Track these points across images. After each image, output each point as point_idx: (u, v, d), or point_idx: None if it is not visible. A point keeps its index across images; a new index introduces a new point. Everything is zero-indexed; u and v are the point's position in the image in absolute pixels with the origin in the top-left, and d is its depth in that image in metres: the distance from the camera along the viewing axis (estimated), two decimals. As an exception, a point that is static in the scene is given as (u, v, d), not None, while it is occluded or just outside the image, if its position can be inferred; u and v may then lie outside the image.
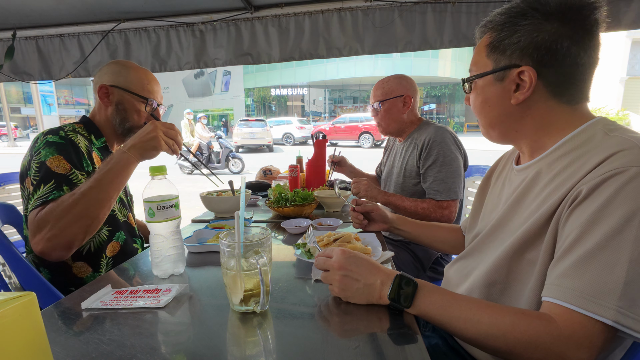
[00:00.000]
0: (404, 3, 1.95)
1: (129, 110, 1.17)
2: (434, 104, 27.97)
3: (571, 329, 0.50)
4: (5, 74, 2.44)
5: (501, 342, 0.54)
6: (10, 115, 4.77)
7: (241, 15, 2.14)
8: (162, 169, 0.84)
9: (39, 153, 0.99)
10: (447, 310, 0.60)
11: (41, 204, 0.92)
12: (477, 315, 0.57)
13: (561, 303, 0.52)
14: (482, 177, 0.94)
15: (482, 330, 0.56)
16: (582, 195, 0.54)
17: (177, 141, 1.08)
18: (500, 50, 0.66)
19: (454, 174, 1.45)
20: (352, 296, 0.67)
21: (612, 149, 0.55)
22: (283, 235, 1.19)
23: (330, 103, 30.41)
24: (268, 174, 2.23)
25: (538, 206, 0.62)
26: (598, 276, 0.50)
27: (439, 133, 1.50)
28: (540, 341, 0.52)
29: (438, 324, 0.61)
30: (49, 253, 0.91)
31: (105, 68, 1.19)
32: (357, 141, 15.13)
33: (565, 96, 0.66)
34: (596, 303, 0.49)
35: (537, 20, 0.62)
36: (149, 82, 1.20)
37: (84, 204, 0.91)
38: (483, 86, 0.71)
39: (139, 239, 1.26)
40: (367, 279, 0.67)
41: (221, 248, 0.65)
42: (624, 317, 0.47)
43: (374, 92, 1.63)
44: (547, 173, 0.65)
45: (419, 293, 0.63)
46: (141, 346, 0.57)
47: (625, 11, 1.70)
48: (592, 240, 0.51)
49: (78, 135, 1.08)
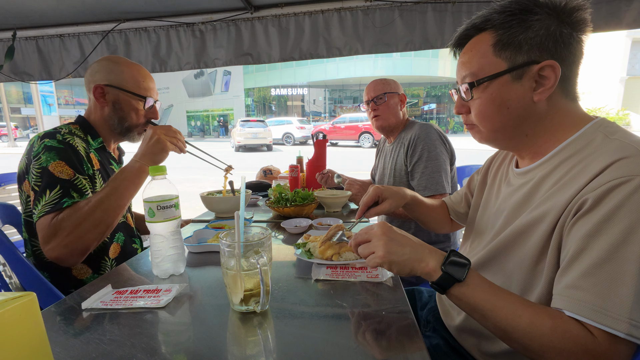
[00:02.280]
0: (404, 3, 1.95)
1: (126, 110, 1.15)
2: (434, 104, 27.91)
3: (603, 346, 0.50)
4: (6, 74, 2.44)
5: (536, 343, 0.53)
6: (10, 116, 4.78)
7: (241, 15, 2.14)
8: (162, 169, 0.84)
9: (39, 158, 0.98)
10: (494, 296, 0.57)
11: (52, 210, 0.92)
12: (520, 311, 0.55)
13: (573, 315, 0.52)
14: (477, 177, 0.94)
15: (521, 326, 0.54)
16: (588, 205, 0.53)
17: (179, 139, 1.12)
18: (515, 46, 0.62)
19: (439, 169, 1.46)
20: (397, 261, 0.63)
21: (615, 156, 0.54)
22: (283, 235, 1.19)
23: (330, 103, 30.40)
24: (268, 174, 2.23)
25: (542, 215, 0.61)
26: (608, 288, 0.49)
27: (423, 129, 1.53)
28: (573, 350, 0.51)
29: (474, 309, 0.58)
30: (65, 259, 0.92)
31: (97, 66, 1.15)
32: (357, 141, 15.12)
33: (571, 93, 0.65)
34: (608, 316, 0.48)
35: (546, 15, 0.61)
36: (144, 79, 1.17)
37: (102, 211, 0.95)
38: (499, 87, 0.65)
39: (138, 238, 1.26)
40: (414, 247, 0.65)
41: (221, 248, 0.65)
42: (637, 330, 0.47)
43: (374, 87, 1.63)
44: (549, 179, 0.64)
45: (471, 271, 0.60)
46: (141, 346, 0.57)
47: (626, 11, 1.69)
48: (599, 252, 0.51)
49: (75, 138, 1.06)
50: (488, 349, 0.73)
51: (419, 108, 25.85)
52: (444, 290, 0.60)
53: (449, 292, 0.60)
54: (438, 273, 0.60)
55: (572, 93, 0.66)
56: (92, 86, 1.12)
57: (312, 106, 30.31)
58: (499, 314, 0.56)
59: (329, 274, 0.83)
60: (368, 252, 0.67)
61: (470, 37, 0.70)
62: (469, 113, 0.72)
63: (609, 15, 1.72)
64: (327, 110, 29.79)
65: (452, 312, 0.84)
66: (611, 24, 1.73)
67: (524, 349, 0.55)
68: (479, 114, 0.69)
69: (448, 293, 0.60)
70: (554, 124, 0.66)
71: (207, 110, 27.90)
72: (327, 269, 0.86)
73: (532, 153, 0.70)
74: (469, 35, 0.70)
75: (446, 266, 0.60)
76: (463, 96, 0.71)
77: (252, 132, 14.09)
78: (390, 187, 0.99)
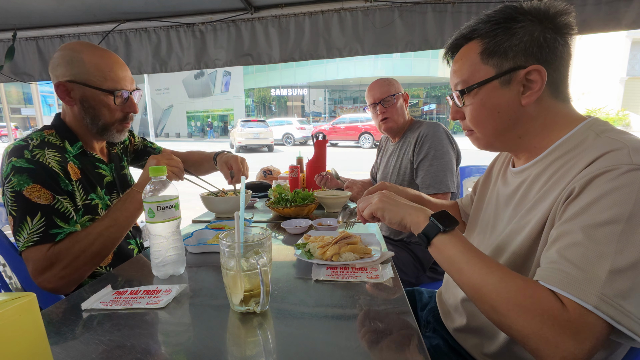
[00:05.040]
0: (404, 3, 1.95)
1: (97, 108, 1.01)
2: (434, 104, 27.92)
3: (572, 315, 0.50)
4: (6, 75, 2.44)
5: (503, 299, 0.55)
6: (10, 116, 4.77)
7: (241, 16, 2.14)
8: (162, 170, 0.84)
9: (10, 180, 0.89)
10: (472, 252, 0.62)
11: (43, 241, 0.88)
12: (494, 267, 0.58)
13: (546, 284, 0.53)
14: (482, 176, 0.94)
15: (492, 281, 0.56)
16: (575, 192, 0.56)
17: (180, 168, 1.10)
18: (501, 53, 0.65)
19: (445, 167, 1.46)
20: (389, 209, 0.74)
21: (602, 150, 0.56)
22: (283, 236, 1.19)
23: (330, 103, 30.40)
24: (268, 174, 2.23)
25: (535, 212, 0.64)
26: (584, 264, 0.50)
27: (431, 128, 1.52)
28: (537, 313, 0.51)
29: (452, 262, 0.63)
30: (60, 289, 0.91)
31: (56, 58, 0.99)
32: (357, 141, 15.13)
33: (562, 94, 0.67)
34: (579, 288, 0.49)
35: (529, 22, 0.64)
36: (110, 68, 1.00)
37: (101, 243, 0.94)
38: (488, 93, 0.68)
39: (133, 239, 1.23)
40: (407, 202, 0.75)
41: (221, 248, 0.65)
42: (606, 305, 0.47)
43: (379, 89, 1.61)
44: (542, 177, 0.66)
45: (457, 229, 0.66)
46: (141, 347, 0.57)
47: (625, 11, 1.69)
48: (579, 232, 0.52)
49: (46, 152, 0.94)
50: (488, 350, 0.73)
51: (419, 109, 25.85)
52: (428, 241, 0.67)
53: (432, 243, 0.66)
54: (426, 222, 0.68)
55: (563, 94, 0.68)
56: (55, 84, 0.99)
57: (312, 107, 30.33)
58: (474, 268, 0.60)
59: (329, 274, 0.83)
60: (366, 204, 0.79)
61: (460, 46, 0.73)
62: (463, 119, 0.76)
63: (608, 16, 1.72)
64: (327, 110, 29.80)
65: (453, 314, 0.84)
66: (610, 24, 1.73)
67: (492, 309, 0.56)
68: (472, 119, 0.72)
69: (431, 244, 0.67)
70: (546, 125, 0.68)
71: (207, 111, 27.90)
72: (327, 269, 0.86)
73: (527, 153, 0.72)
74: (459, 45, 0.73)
75: (434, 216, 0.67)
76: (457, 102, 0.74)
77: (253, 132, 13.99)
78: (395, 185, 1.03)
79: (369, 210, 0.78)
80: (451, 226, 0.65)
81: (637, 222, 0.49)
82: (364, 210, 0.79)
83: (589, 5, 1.73)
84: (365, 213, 0.79)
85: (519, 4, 0.65)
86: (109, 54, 1.03)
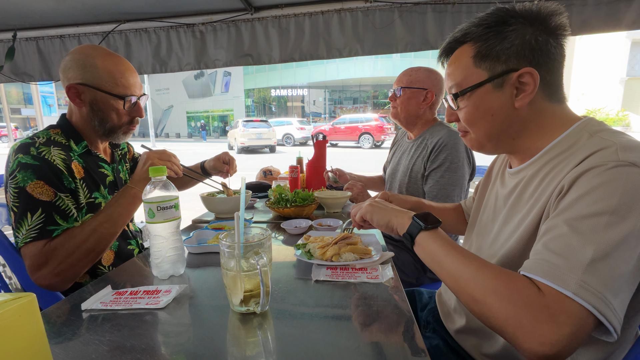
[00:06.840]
0: (404, 4, 1.95)
1: (106, 111, 1.04)
2: (434, 104, 27.89)
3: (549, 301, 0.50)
4: (6, 75, 2.44)
5: (480, 286, 0.55)
6: (10, 116, 4.78)
7: (241, 16, 2.14)
8: (161, 170, 0.84)
9: (15, 177, 0.90)
10: (451, 245, 0.64)
11: (40, 237, 0.89)
12: (472, 258, 0.60)
13: (525, 273, 0.53)
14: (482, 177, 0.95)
15: (469, 270, 0.58)
16: (565, 189, 0.57)
17: (174, 162, 1.09)
18: (493, 57, 0.66)
19: (455, 182, 1.42)
20: (378, 212, 0.80)
21: (593, 149, 0.57)
22: (283, 236, 1.19)
23: (330, 104, 30.42)
24: (268, 174, 2.23)
25: (530, 211, 0.64)
26: (565, 252, 0.51)
27: (452, 137, 1.45)
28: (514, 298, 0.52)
29: (434, 257, 0.65)
30: (56, 286, 0.91)
31: (69, 60, 1.02)
32: (357, 142, 15.11)
33: (556, 95, 0.67)
34: (558, 276, 0.49)
35: (521, 25, 0.64)
36: (122, 74, 1.04)
37: (96, 239, 0.93)
38: (482, 96, 0.69)
39: (134, 239, 1.24)
40: (394, 207, 0.81)
41: (221, 249, 0.65)
42: (586, 292, 0.47)
43: (399, 77, 1.60)
44: (536, 177, 0.66)
45: (439, 228, 0.70)
46: (141, 347, 0.57)
47: (626, 11, 1.70)
48: (566, 225, 0.53)
49: (52, 149, 0.96)
50: (487, 350, 0.73)
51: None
52: (413, 240, 0.70)
53: (416, 241, 0.69)
54: (409, 222, 0.72)
55: (557, 95, 0.68)
56: (66, 86, 1.01)
57: (312, 107, 30.35)
58: (452, 259, 0.62)
59: (329, 274, 0.83)
60: (357, 209, 0.87)
61: (453, 49, 0.73)
62: (459, 120, 0.76)
63: (609, 17, 1.72)
64: (327, 111, 29.82)
65: (453, 315, 0.84)
66: (611, 25, 1.73)
67: (471, 298, 0.57)
68: (467, 122, 0.73)
69: (415, 243, 0.69)
70: (540, 126, 0.68)
71: (207, 111, 27.92)
72: (327, 269, 0.86)
73: (522, 154, 0.73)
74: (452, 48, 0.74)
75: (416, 216, 0.71)
76: (451, 105, 0.75)
77: (255, 132, 13.61)
78: (398, 195, 1.06)
79: (359, 215, 0.85)
80: (432, 224, 0.68)
81: (623, 214, 0.50)
82: (356, 215, 0.87)
83: (589, 6, 1.73)
84: (356, 217, 0.87)
85: (511, 6, 0.65)
86: (122, 61, 1.06)
